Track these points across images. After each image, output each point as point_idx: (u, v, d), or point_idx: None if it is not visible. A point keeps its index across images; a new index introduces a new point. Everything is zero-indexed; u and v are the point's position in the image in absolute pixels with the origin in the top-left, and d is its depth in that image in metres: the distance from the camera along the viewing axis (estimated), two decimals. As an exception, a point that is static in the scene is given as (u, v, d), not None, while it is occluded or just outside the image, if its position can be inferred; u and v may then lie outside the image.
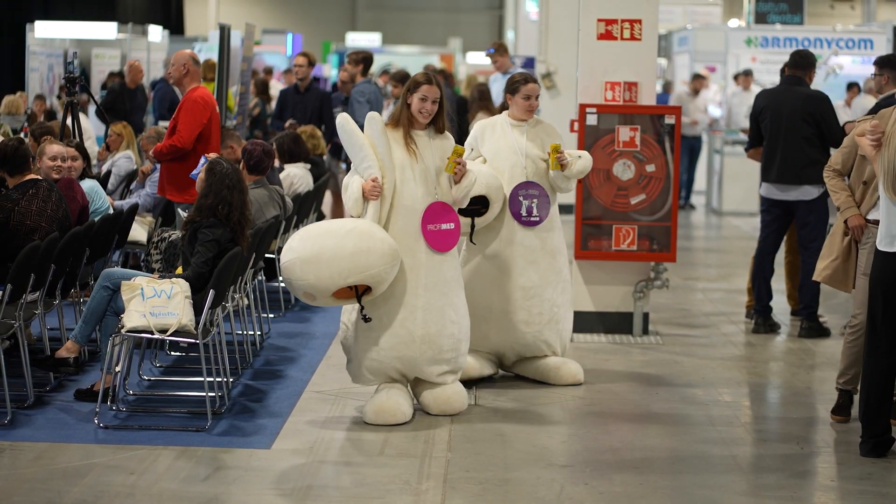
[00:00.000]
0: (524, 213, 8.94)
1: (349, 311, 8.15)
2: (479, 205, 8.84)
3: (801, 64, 11.14)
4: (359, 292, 7.88)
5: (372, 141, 8.00)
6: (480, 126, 9.25)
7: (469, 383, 8.79)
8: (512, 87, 9.13)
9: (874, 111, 10.04)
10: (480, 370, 9.05)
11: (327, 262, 7.68)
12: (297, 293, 7.89)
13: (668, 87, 24.52)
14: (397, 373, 8.11)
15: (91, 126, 16.38)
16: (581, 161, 9.04)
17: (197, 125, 10.64)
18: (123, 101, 17.62)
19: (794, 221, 11.18)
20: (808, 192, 10.91)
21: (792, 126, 10.88)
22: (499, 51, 16.60)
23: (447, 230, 8.10)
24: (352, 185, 7.95)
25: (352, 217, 8.06)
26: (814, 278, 8.66)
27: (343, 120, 8.04)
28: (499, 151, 9.05)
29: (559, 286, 9.03)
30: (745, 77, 21.25)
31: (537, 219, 8.95)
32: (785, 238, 11.51)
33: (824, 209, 11.03)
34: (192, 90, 10.86)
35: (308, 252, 7.71)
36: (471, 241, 8.91)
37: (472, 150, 9.19)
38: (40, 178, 9.11)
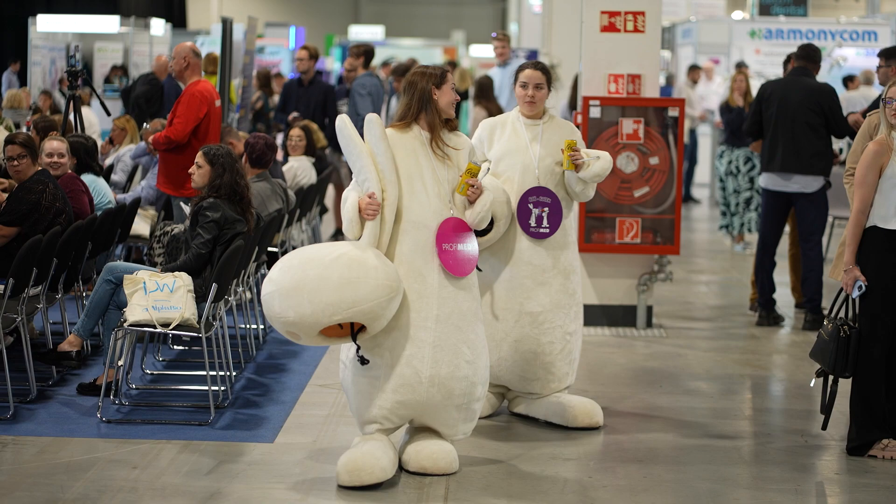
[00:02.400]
0: (533, 223, 7.81)
1: (347, 346, 6.91)
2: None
3: (812, 57, 11.13)
4: (353, 329, 6.71)
5: (370, 148, 6.80)
6: (489, 125, 8.07)
7: None
8: (514, 76, 8.08)
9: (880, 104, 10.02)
10: (488, 408, 8.08)
11: (309, 295, 6.48)
12: (279, 330, 6.74)
13: (671, 79, 24.48)
14: (402, 419, 6.90)
15: (97, 120, 16.35)
16: (599, 163, 7.84)
17: (193, 119, 10.66)
18: (163, 94, 17.66)
19: (794, 212, 11.16)
20: (810, 184, 10.89)
21: (799, 116, 10.85)
22: (504, 38, 16.53)
23: (465, 252, 6.88)
24: (348, 202, 6.77)
25: (347, 240, 6.88)
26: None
27: (342, 123, 6.80)
28: (507, 153, 7.89)
29: (571, 311, 7.92)
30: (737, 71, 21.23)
31: (546, 230, 7.81)
32: (788, 231, 11.49)
33: (824, 201, 11.01)
34: (193, 83, 10.87)
35: (288, 283, 6.53)
36: (476, 267, 7.31)
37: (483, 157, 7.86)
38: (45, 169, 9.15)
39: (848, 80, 20.10)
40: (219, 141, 11.06)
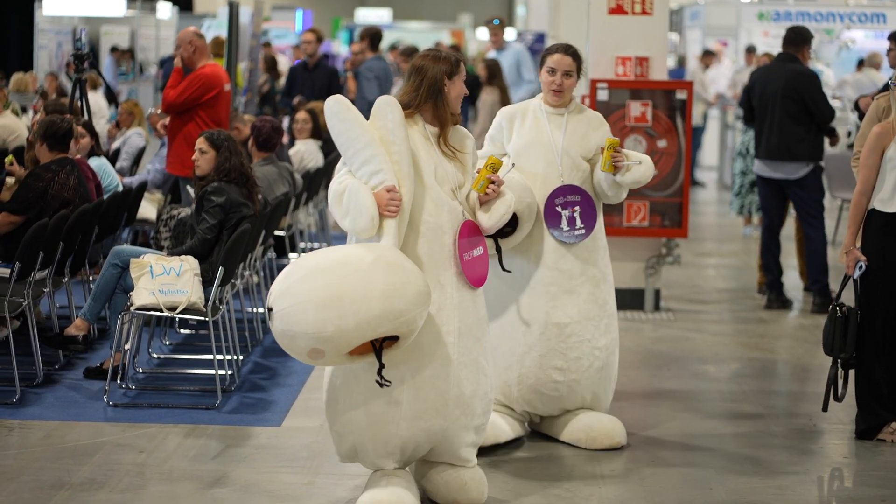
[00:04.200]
0: (566, 227, 6.97)
1: (337, 371, 6.04)
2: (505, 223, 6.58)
3: (795, 40, 11.09)
4: (377, 345, 5.78)
5: (385, 134, 5.91)
6: (508, 113, 7.18)
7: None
8: (541, 59, 7.27)
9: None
10: (509, 433, 7.15)
11: (353, 306, 5.54)
12: (297, 350, 5.73)
13: (681, 62, 24.45)
14: (417, 452, 6.09)
15: (106, 105, 16.35)
16: (641, 169, 6.99)
17: (188, 95, 10.62)
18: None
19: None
20: (795, 170, 10.87)
21: (779, 103, 10.86)
22: (501, 25, 16.46)
23: (479, 258, 6.16)
24: (357, 195, 5.82)
25: (360, 241, 5.95)
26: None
27: (335, 102, 5.95)
28: (529, 146, 7.01)
29: (602, 322, 7.11)
30: (747, 54, 21.24)
31: (582, 231, 7.00)
32: (796, 214, 11.46)
33: (816, 184, 10.97)
34: (200, 67, 10.81)
35: (324, 293, 5.55)
36: (502, 268, 6.63)
37: (492, 143, 7.24)
38: (71, 157, 9.12)
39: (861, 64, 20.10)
40: (228, 124, 11.04)
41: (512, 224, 6.85)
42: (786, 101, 10.83)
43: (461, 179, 6.15)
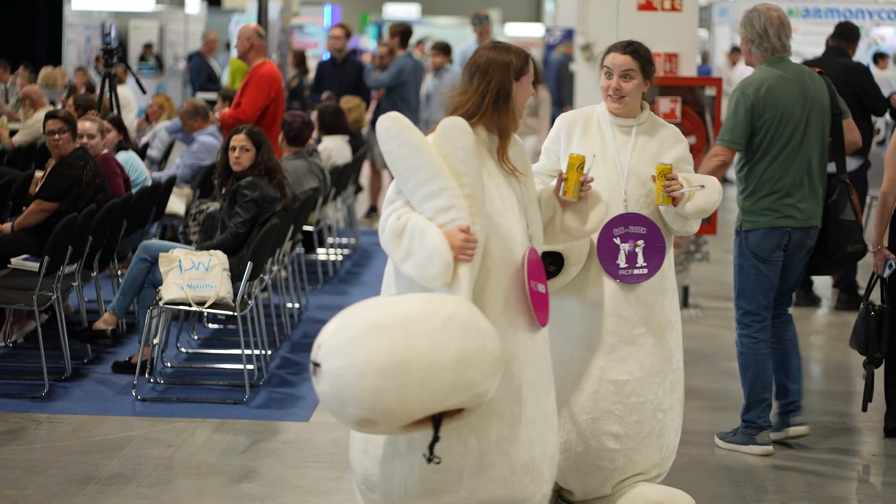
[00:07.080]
0: (623, 264, 5.72)
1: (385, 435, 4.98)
2: (548, 261, 5.60)
3: (847, 35, 11.05)
4: (438, 417, 4.73)
5: (454, 163, 4.88)
6: (568, 120, 5.95)
7: None
8: (600, 60, 6.15)
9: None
10: None
11: (419, 375, 4.54)
12: (345, 417, 4.75)
13: (706, 57, 24.39)
14: None
15: (134, 98, 16.39)
16: (704, 195, 5.79)
17: (261, 100, 10.69)
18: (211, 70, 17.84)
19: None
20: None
21: None
22: (488, 22, 16.40)
23: (543, 294, 5.15)
24: (424, 236, 4.81)
25: (426, 290, 4.90)
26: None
27: (392, 122, 4.89)
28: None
29: (667, 379, 5.84)
30: None
31: (644, 270, 5.74)
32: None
33: (861, 181, 10.91)
34: (259, 66, 10.87)
35: (388, 357, 4.55)
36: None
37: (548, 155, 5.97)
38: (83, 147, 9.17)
39: (878, 57, 19.99)
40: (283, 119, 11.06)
41: (557, 262, 5.70)
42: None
43: (522, 200, 5.18)
